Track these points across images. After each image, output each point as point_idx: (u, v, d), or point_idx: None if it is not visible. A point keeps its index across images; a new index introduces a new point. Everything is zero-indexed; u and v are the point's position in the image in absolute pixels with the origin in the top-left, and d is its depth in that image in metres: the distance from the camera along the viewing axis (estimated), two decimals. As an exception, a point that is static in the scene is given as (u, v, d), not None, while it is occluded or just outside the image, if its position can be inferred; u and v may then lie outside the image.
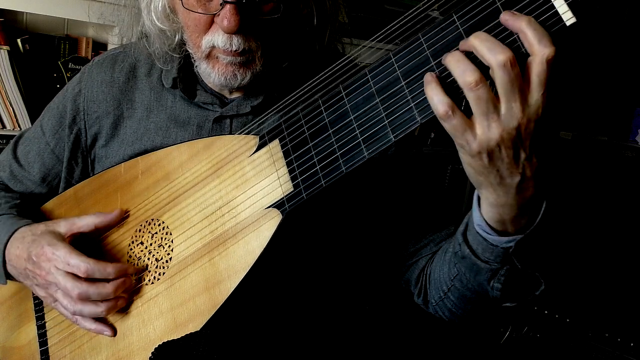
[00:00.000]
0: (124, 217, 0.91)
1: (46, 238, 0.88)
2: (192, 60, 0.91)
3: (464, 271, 0.78)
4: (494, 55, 0.58)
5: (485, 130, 0.60)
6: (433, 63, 0.64)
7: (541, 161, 0.63)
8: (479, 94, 0.59)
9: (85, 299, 0.84)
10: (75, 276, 0.84)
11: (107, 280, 0.85)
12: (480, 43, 0.59)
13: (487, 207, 0.68)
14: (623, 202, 2.95)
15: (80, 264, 0.83)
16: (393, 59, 0.68)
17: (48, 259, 0.86)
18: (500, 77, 0.58)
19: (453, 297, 0.84)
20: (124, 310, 0.87)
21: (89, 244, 0.92)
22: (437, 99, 0.61)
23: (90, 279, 0.84)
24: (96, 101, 1.01)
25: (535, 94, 0.59)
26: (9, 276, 0.94)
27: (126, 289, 0.86)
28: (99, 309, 0.85)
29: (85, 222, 0.90)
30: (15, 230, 0.92)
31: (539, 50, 0.57)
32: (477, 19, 0.62)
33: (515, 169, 0.62)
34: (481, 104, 0.59)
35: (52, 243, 0.86)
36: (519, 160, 0.62)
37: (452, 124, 0.61)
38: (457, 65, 0.60)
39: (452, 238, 0.85)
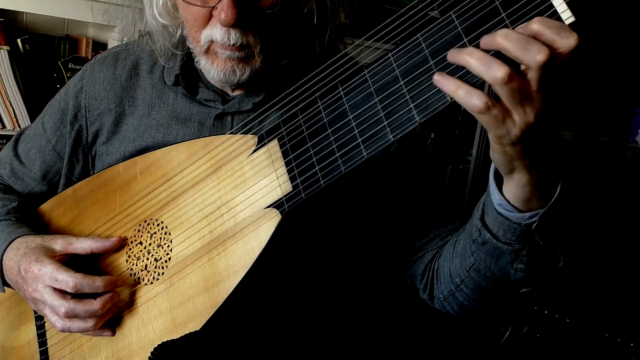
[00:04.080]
0: (122, 244, 0.91)
1: (36, 253, 0.87)
2: (193, 56, 0.91)
3: (483, 258, 0.77)
4: (532, 55, 0.56)
5: (522, 116, 0.60)
6: (432, 62, 0.64)
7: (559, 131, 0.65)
8: (513, 87, 0.58)
9: (72, 316, 0.84)
10: (62, 293, 0.84)
11: (95, 297, 0.85)
12: (511, 43, 0.57)
13: (516, 189, 0.68)
14: (623, 202, 2.95)
15: (68, 279, 0.83)
16: (392, 59, 0.68)
17: (35, 276, 0.85)
18: (540, 76, 0.57)
19: (467, 289, 0.84)
20: (124, 310, 0.88)
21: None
22: (474, 95, 0.59)
23: (78, 296, 0.84)
24: (98, 98, 1.01)
25: (561, 77, 0.59)
26: (6, 284, 0.94)
27: (114, 303, 0.86)
28: (87, 324, 0.84)
29: (82, 245, 0.89)
30: (12, 241, 0.91)
31: (564, 44, 0.57)
32: (475, 18, 0.62)
33: (547, 145, 0.63)
34: (515, 96, 0.58)
35: (40, 259, 0.86)
36: (549, 136, 0.63)
37: (492, 115, 0.59)
38: (480, 62, 0.58)
39: (460, 231, 0.85)
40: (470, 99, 0.59)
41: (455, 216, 0.94)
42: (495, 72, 0.57)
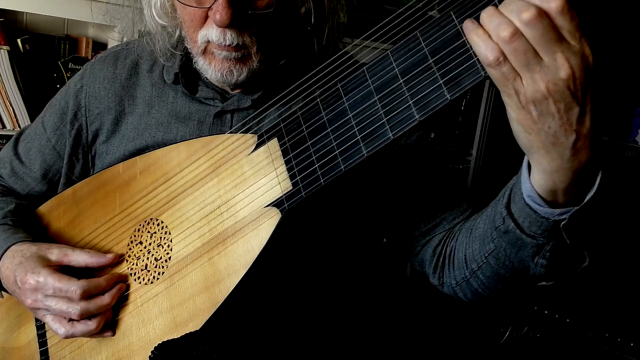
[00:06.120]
0: (118, 260, 0.90)
1: (31, 263, 0.87)
2: (191, 56, 0.92)
3: (504, 246, 0.74)
4: (518, 15, 0.55)
5: (530, 81, 0.57)
6: (431, 60, 0.64)
7: (597, 120, 0.59)
8: (516, 46, 0.56)
9: (86, 316, 0.84)
10: (69, 297, 0.84)
11: (102, 293, 0.85)
12: (494, 14, 0.57)
13: (539, 175, 0.64)
14: (623, 202, 2.95)
15: (73, 286, 0.83)
16: (391, 57, 0.68)
17: (33, 288, 0.85)
18: (530, 35, 0.56)
19: (483, 275, 0.81)
20: (124, 310, 0.88)
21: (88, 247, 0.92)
22: (484, 46, 0.58)
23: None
24: (98, 97, 1.02)
25: (573, 41, 0.57)
26: (5, 290, 0.94)
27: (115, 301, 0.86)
28: (91, 326, 0.85)
29: (78, 259, 0.88)
30: (8, 248, 0.91)
31: (546, 5, 0.55)
32: (475, 16, 0.62)
33: (569, 126, 0.59)
34: (519, 56, 0.56)
35: (36, 270, 0.85)
36: (572, 116, 0.58)
37: (502, 72, 0.58)
38: (490, 19, 0.57)
39: (477, 216, 0.83)
40: (484, 50, 0.58)
41: (463, 199, 0.93)
42: (501, 31, 0.56)
